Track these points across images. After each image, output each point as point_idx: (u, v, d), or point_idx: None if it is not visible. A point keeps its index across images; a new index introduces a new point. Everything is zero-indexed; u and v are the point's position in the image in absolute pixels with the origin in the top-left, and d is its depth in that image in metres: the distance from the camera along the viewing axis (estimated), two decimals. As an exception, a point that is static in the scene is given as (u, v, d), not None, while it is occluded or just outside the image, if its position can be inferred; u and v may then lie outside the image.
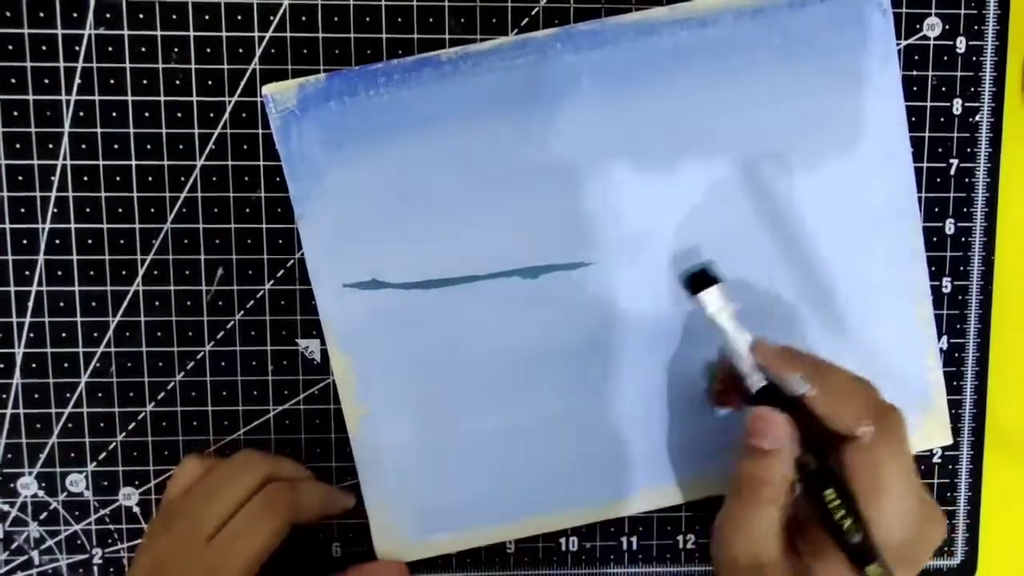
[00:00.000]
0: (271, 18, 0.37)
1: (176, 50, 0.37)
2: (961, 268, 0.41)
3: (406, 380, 0.39)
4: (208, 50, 0.37)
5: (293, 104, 0.37)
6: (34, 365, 0.39)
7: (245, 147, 0.38)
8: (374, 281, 0.38)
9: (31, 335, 0.38)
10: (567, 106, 0.38)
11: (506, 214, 0.38)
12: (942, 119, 0.40)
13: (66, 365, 0.39)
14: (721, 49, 0.38)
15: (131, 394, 0.39)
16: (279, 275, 0.39)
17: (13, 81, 0.37)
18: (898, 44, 0.39)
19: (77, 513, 0.40)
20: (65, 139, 0.37)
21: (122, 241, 0.38)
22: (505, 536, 0.41)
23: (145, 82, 0.37)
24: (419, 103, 0.37)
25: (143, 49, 0.37)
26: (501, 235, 0.38)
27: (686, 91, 0.38)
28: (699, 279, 0.36)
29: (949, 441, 0.42)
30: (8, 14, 0.37)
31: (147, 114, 0.38)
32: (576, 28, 0.37)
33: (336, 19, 0.38)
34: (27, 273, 0.38)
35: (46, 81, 0.37)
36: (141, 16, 0.37)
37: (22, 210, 0.38)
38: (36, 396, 0.39)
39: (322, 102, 0.37)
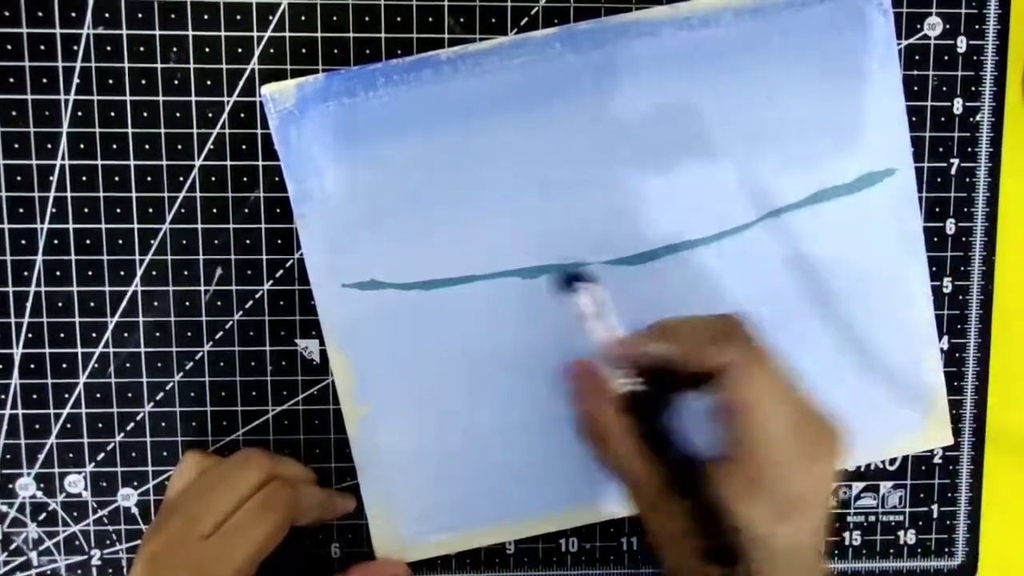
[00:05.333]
0: (270, 18, 0.37)
1: (175, 50, 0.37)
2: (962, 268, 0.41)
3: (406, 380, 0.39)
4: (207, 50, 0.37)
5: (292, 104, 0.37)
6: (32, 365, 0.39)
7: (244, 147, 0.38)
8: (373, 281, 0.38)
9: (29, 335, 0.38)
10: (566, 106, 0.38)
11: (505, 214, 0.38)
12: (943, 119, 0.40)
13: (64, 366, 0.39)
14: (721, 49, 0.38)
15: (130, 394, 0.39)
16: (278, 275, 0.39)
17: (11, 81, 0.37)
18: (899, 44, 0.39)
19: (76, 514, 0.40)
20: (63, 139, 0.37)
21: (120, 241, 0.38)
22: (505, 536, 0.41)
23: (144, 82, 0.37)
24: (418, 103, 0.37)
25: (141, 49, 0.37)
26: (500, 235, 0.38)
27: (686, 91, 0.38)
28: (573, 280, 0.36)
29: (950, 441, 0.42)
30: (7, 13, 0.36)
31: (145, 114, 0.38)
32: (576, 27, 0.37)
33: (335, 19, 0.38)
34: (25, 273, 0.38)
35: (44, 81, 0.37)
36: (140, 16, 0.37)
37: (20, 210, 0.38)
38: (35, 397, 0.39)
39: (321, 102, 0.37)
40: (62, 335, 0.38)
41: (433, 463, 0.39)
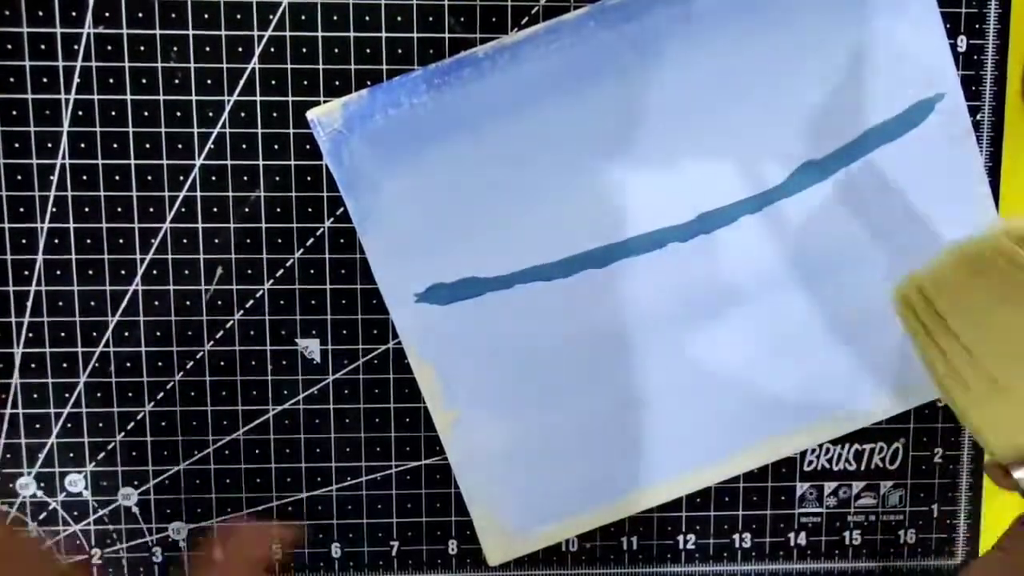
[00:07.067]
0: (270, 17, 0.37)
1: (175, 49, 0.37)
2: (962, 268, 0.41)
3: (491, 378, 0.39)
4: (207, 49, 0.37)
5: (339, 124, 0.37)
6: (33, 365, 0.39)
7: (244, 146, 0.38)
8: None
9: (30, 335, 0.38)
10: (610, 81, 0.37)
11: (566, 201, 0.38)
12: (943, 118, 0.40)
13: (65, 365, 0.39)
14: (754, 3, 0.37)
15: (130, 394, 0.39)
16: (278, 275, 0.39)
17: (12, 80, 0.37)
18: (899, 43, 0.39)
19: (76, 513, 0.40)
20: (64, 138, 0.37)
21: (121, 240, 0.38)
22: (611, 517, 0.40)
23: (144, 81, 0.37)
24: (463, 103, 0.37)
25: (142, 48, 0.37)
26: (564, 223, 0.38)
27: (722, 51, 0.37)
28: None
29: None
30: (7, 13, 0.36)
31: (146, 113, 0.38)
32: (607, 3, 0.37)
33: (335, 18, 0.38)
34: (26, 272, 0.38)
35: (45, 80, 0.37)
36: (140, 15, 0.37)
37: (21, 209, 0.38)
38: (35, 396, 0.39)
39: (367, 118, 0.37)
40: (62, 334, 0.38)
41: (528, 455, 0.39)
